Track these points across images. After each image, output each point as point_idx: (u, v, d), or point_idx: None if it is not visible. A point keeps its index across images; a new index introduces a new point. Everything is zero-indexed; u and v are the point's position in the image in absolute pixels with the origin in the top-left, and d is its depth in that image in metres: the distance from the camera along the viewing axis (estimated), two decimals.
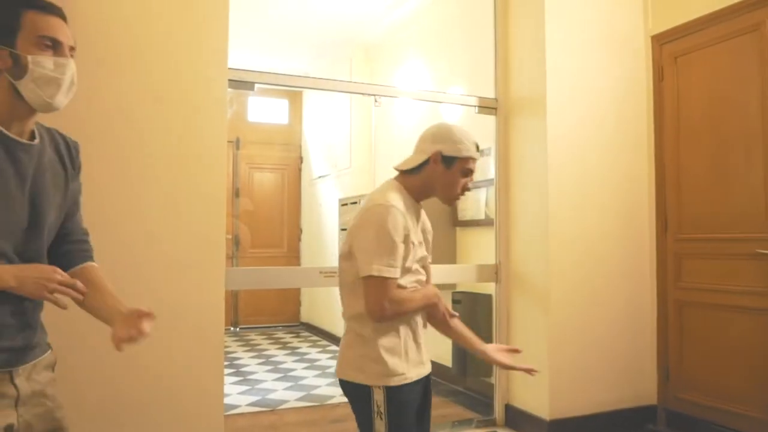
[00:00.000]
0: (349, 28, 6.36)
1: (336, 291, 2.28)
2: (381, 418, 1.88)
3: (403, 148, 6.41)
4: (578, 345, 3.60)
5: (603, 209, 3.72)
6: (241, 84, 3.24)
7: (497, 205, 3.90)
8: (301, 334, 7.54)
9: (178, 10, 2.95)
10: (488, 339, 3.80)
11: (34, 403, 1.45)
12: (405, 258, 1.89)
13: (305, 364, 5.76)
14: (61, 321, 1.69)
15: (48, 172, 1.50)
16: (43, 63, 1.41)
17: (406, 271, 1.91)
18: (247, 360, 5.97)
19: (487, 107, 3.92)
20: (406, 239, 1.88)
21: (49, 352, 1.56)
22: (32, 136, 1.49)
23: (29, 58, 1.40)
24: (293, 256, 8.06)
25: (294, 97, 8.22)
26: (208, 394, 2.94)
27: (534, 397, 3.61)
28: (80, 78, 1.52)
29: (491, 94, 3.95)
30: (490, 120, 3.96)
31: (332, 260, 6.52)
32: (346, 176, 6.77)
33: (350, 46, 6.73)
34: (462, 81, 4.87)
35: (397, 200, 1.91)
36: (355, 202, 5.88)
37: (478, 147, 2.04)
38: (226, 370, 3.21)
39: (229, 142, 5.14)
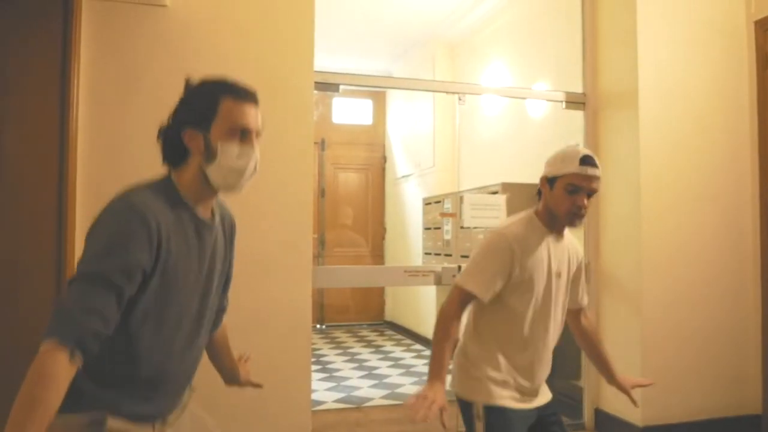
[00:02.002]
0: (431, 26, 6.36)
1: (420, 289, 2.40)
2: None
3: (488, 147, 6.40)
4: (673, 348, 3.45)
5: (701, 206, 3.54)
6: (327, 86, 3.30)
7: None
8: (386, 333, 7.60)
9: (266, 17, 3.05)
10: (574, 342, 3.69)
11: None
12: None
13: (389, 363, 5.80)
14: None
15: (219, 250, 1.59)
16: (230, 152, 1.46)
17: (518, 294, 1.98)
18: (333, 357, 6.08)
19: (575, 102, 3.81)
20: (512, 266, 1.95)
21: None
22: (212, 215, 1.58)
23: (219, 145, 1.45)
24: (377, 255, 8.13)
25: (377, 97, 8.29)
26: (296, 389, 3.02)
27: (625, 401, 3.46)
28: (170, 83, 1.58)
29: (579, 89, 3.84)
30: (578, 115, 3.85)
31: (416, 259, 6.53)
32: (430, 175, 6.76)
33: (433, 44, 6.72)
34: (548, 76, 4.76)
35: (515, 229, 2.01)
36: (439, 202, 5.86)
37: (587, 160, 1.98)
38: (313, 367, 3.28)
39: (315, 143, 5.26)
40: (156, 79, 2.89)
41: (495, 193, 4.59)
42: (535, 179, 2.23)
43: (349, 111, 8.23)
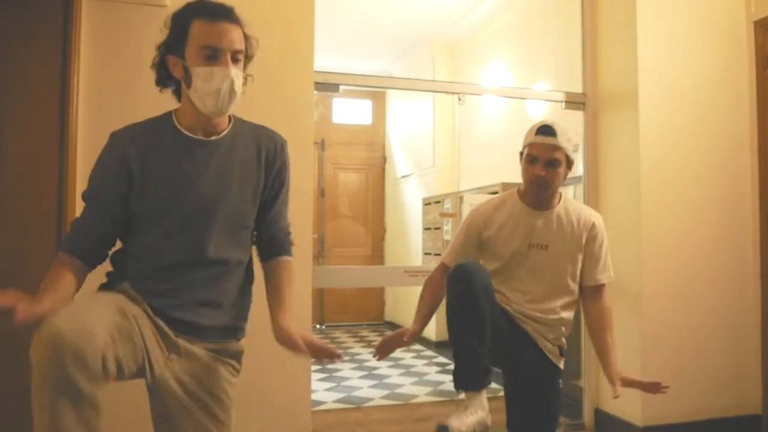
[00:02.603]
0: (431, 26, 6.36)
1: (418, 290, 2.51)
2: None
3: (488, 147, 6.41)
4: (673, 348, 3.45)
5: (701, 207, 3.54)
6: (327, 86, 3.30)
7: (586, 203, 3.78)
8: (385, 333, 7.58)
9: (266, 17, 3.04)
10: (576, 341, 3.69)
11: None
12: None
13: (389, 363, 5.80)
14: None
15: (233, 166, 1.62)
16: (200, 74, 1.49)
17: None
18: None
19: (574, 102, 3.81)
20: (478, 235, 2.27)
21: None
22: (219, 134, 1.62)
23: (192, 69, 1.50)
24: (377, 256, 8.13)
25: (377, 97, 8.30)
26: (296, 389, 3.02)
27: (625, 401, 3.48)
28: None
29: (579, 89, 3.84)
30: (578, 116, 3.85)
31: (416, 259, 6.53)
32: (430, 176, 6.76)
33: (433, 44, 6.72)
34: (548, 76, 4.76)
35: (484, 206, 2.30)
36: (439, 202, 5.86)
37: (542, 130, 2.14)
38: (313, 367, 3.28)
39: (315, 143, 5.26)
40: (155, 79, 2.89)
41: (495, 193, 4.60)
42: None
43: (349, 111, 8.23)
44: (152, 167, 1.57)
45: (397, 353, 6.26)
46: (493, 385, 2.18)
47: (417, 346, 6.59)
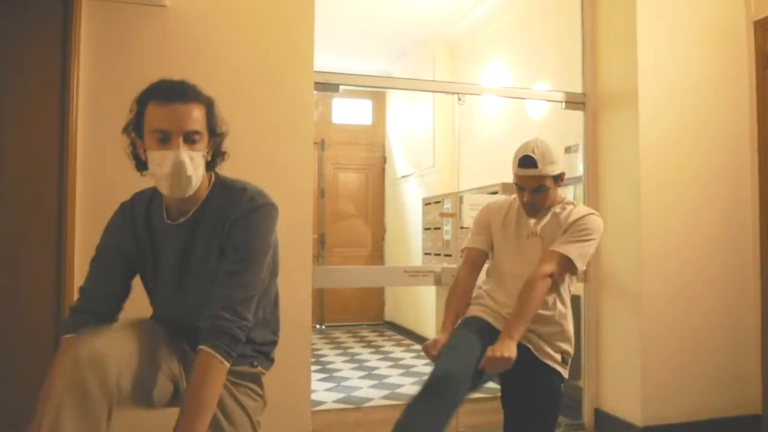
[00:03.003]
0: (431, 26, 6.36)
1: (420, 289, 2.61)
2: None
3: (488, 147, 6.39)
4: (673, 348, 3.45)
5: (701, 207, 3.54)
6: (326, 86, 3.30)
7: (585, 203, 3.79)
8: (385, 333, 7.60)
9: (266, 17, 3.05)
10: (576, 340, 3.69)
11: None
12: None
13: (389, 363, 5.80)
14: None
15: (200, 244, 1.59)
16: (153, 158, 1.47)
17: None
18: (333, 357, 6.08)
19: (574, 102, 3.81)
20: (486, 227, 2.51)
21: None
22: (190, 215, 1.61)
23: (147, 153, 1.49)
24: (377, 256, 8.13)
25: (377, 97, 8.30)
26: (296, 389, 3.02)
27: (625, 401, 3.48)
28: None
29: (578, 89, 3.84)
30: (577, 116, 3.85)
31: (416, 260, 6.53)
32: (430, 176, 6.76)
33: (433, 44, 6.72)
34: (548, 76, 4.76)
35: (495, 202, 2.59)
36: (439, 202, 5.86)
37: (522, 162, 2.26)
38: (313, 367, 3.28)
39: (314, 143, 5.26)
40: (155, 78, 2.88)
41: (495, 193, 4.60)
42: None
43: (349, 111, 8.23)
44: (141, 235, 1.70)
45: (397, 353, 6.27)
46: (491, 385, 2.18)
47: (417, 346, 6.59)
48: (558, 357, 2.30)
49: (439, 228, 5.74)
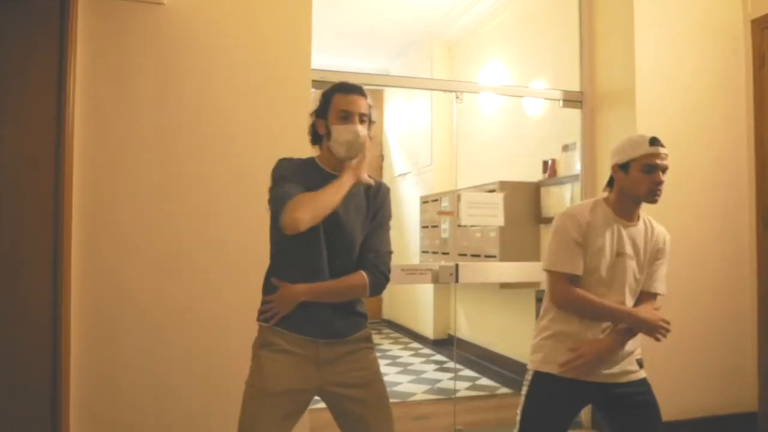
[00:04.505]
0: (429, 25, 6.36)
1: (417, 288, 2.49)
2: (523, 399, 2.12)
3: (486, 145, 6.38)
4: (671, 347, 3.43)
5: (698, 206, 3.54)
6: (324, 84, 3.28)
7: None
8: (383, 331, 7.60)
9: (263, 15, 3.04)
10: None
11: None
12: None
13: (387, 361, 5.80)
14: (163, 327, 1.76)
15: (352, 202, 1.98)
16: (336, 130, 1.96)
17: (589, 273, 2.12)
18: None
19: (572, 100, 3.81)
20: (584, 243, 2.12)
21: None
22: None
23: (332, 127, 1.97)
24: None
25: (375, 95, 8.22)
26: None
27: None
28: (167, 80, 1.59)
29: (576, 87, 3.85)
30: (575, 114, 3.86)
31: (414, 258, 6.53)
32: (428, 174, 6.76)
33: (431, 43, 6.72)
34: (546, 74, 4.76)
35: (579, 208, 2.21)
36: (436, 200, 5.87)
37: (656, 141, 2.19)
38: None
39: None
40: (152, 76, 2.89)
41: (492, 191, 4.60)
42: (533, 177, 2.29)
43: None
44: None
45: (395, 351, 6.27)
46: (489, 383, 2.18)
47: (415, 344, 6.60)
48: (636, 365, 2.22)
49: (436, 226, 5.75)
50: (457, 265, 3.45)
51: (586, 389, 2.08)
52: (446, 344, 6.34)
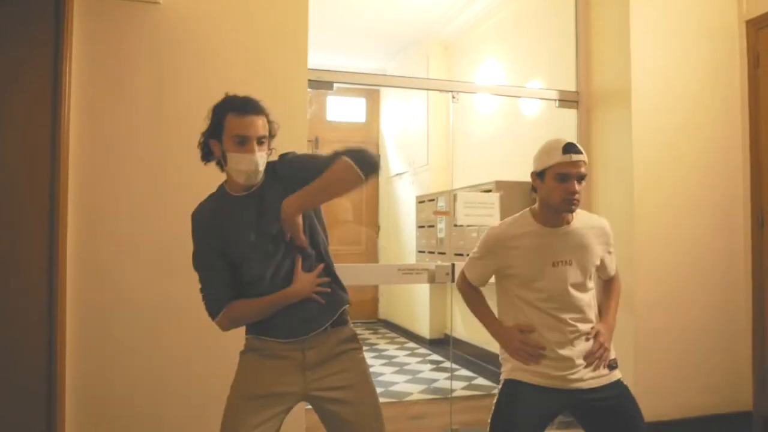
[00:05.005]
0: (425, 24, 6.36)
1: (414, 287, 2.50)
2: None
3: (482, 145, 6.38)
4: (666, 346, 3.46)
5: (694, 205, 3.56)
6: (321, 84, 3.29)
7: None
8: (380, 331, 7.60)
9: (260, 15, 3.04)
10: None
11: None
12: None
13: (383, 361, 5.81)
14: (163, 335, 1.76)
15: (271, 205, 1.86)
16: (232, 158, 1.81)
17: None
18: None
19: (568, 101, 3.82)
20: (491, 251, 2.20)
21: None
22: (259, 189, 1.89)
23: (228, 154, 1.81)
24: (371, 254, 8.12)
25: (371, 95, 8.29)
26: None
27: None
28: (162, 81, 1.59)
29: (572, 87, 3.85)
30: (571, 114, 3.86)
31: (410, 257, 6.53)
32: (424, 173, 6.77)
33: (427, 42, 6.72)
34: (542, 74, 4.77)
35: (503, 227, 2.24)
36: (433, 200, 5.87)
37: (569, 148, 2.06)
38: None
39: (308, 141, 5.25)
40: (148, 76, 2.88)
41: (489, 191, 4.60)
42: (529, 177, 2.27)
43: (343, 109, 8.22)
44: (221, 228, 1.91)
45: (391, 351, 6.27)
46: (486, 382, 2.18)
47: (411, 344, 6.60)
48: (606, 369, 2.16)
49: (433, 226, 5.75)
50: (453, 265, 3.45)
51: (558, 397, 2.07)
52: (442, 344, 6.35)
